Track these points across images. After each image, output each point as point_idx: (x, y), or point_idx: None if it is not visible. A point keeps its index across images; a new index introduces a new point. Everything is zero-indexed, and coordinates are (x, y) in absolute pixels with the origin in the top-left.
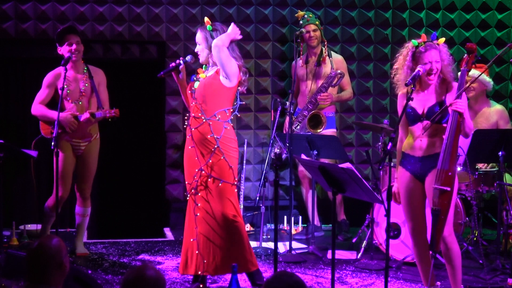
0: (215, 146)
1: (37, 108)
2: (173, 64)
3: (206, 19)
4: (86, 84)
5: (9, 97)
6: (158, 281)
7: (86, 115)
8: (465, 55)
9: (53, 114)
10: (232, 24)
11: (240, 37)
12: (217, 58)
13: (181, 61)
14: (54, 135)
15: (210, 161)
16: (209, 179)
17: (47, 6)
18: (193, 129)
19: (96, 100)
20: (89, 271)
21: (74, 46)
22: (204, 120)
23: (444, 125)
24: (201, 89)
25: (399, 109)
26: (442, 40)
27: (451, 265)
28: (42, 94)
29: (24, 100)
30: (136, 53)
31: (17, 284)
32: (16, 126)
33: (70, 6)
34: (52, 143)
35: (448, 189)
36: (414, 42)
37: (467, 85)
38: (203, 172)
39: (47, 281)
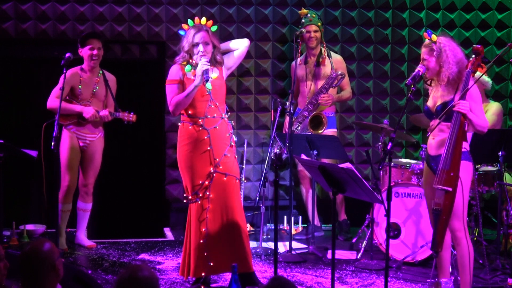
0: (232, 143)
1: (55, 101)
2: (206, 65)
3: (204, 20)
4: (97, 87)
5: (9, 97)
6: (152, 282)
7: (105, 112)
8: (472, 56)
9: (75, 106)
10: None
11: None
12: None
13: (208, 63)
14: (54, 135)
15: (229, 155)
16: (224, 178)
17: (47, 6)
18: (211, 129)
19: (108, 104)
20: (89, 271)
21: (95, 51)
22: (221, 119)
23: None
24: (221, 89)
25: None
26: (434, 37)
27: (459, 264)
28: (58, 89)
29: (24, 100)
30: (136, 53)
31: (17, 284)
32: (16, 126)
33: (70, 6)
34: (52, 143)
35: (450, 189)
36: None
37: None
38: (218, 170)
39: (41, 284)
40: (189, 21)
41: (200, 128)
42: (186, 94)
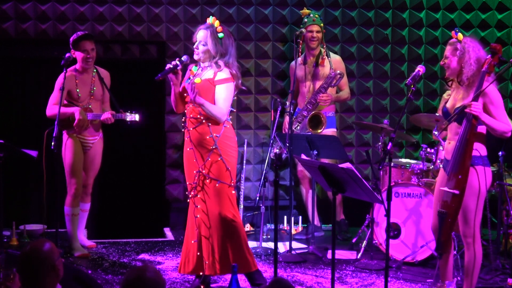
0: (213, 147)
1: (53, 108)
2: (170, 65)
3: (217, 24)
4: (94, 88)
5: (9, 97)
6: (158, 283)
7: (107, 115)
8: (488, 56)
9: (69, 109)
10: None
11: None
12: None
13: (178, 62)
14: (54, 135)
15: (209, 159)
16: (206, 180)
17: (47, 6)
18: (191, 130)
19: (105, 100)
20: (89, 271)
21: (89, 54)
22: (203, 121)
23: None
24: (204, 92)
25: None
26: (460, 36)
27: (465, 267)
28: (55, 96)
29: (24, 100)
30: (136, 53)
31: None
32: (16, 126)
33: (70, 6)
34: (52, 143)
35: (457, 192)
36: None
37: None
38: (201, 173)
39: (41, 284)
40: (211, 17)
41: (183, 129)
42: (172, 94)
